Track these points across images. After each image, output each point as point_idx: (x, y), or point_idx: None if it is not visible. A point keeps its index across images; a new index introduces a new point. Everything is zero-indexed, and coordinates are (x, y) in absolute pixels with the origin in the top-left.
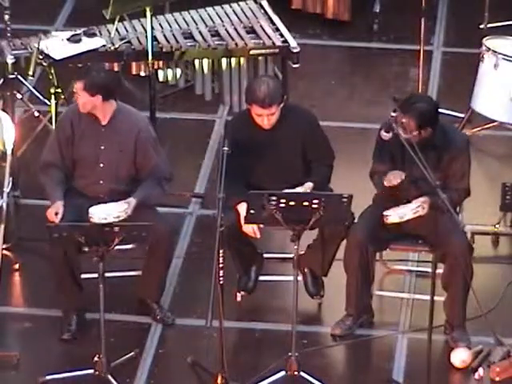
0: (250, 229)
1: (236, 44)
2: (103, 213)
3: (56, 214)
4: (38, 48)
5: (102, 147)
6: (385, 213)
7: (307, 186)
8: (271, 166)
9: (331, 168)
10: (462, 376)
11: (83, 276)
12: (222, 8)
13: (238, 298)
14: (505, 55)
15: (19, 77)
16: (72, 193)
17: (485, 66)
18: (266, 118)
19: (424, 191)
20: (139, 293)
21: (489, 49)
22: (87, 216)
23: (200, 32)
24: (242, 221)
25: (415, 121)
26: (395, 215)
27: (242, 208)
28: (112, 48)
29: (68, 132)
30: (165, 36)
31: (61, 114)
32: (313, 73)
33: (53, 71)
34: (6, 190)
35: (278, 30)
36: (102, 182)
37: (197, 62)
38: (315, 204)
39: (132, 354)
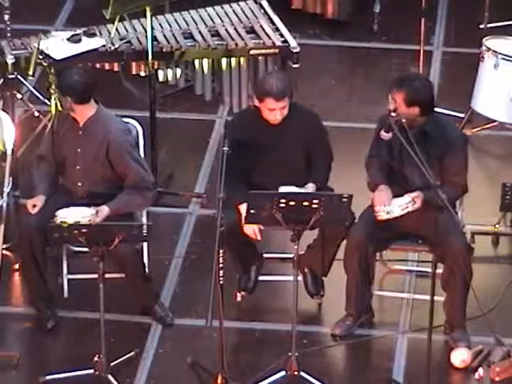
0: (251, 230)
1: (236, 44)
2: (65, 215)
3: (34, 206)
4: (38, 48)
5: (79, 150)
6: (375, 208)
7: (310, 187)
8: (275, 163)
9: (330, 168)
10: (461, 376)
11: (83, 276)
12: (222, 8)
13: (238, 298)
14: (505, 55)
15: (19, 77)
16: (62, 189)
17: (485, 66)
18: (278, 111)
19: (419, 187)
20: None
21: (489, 49)
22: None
23: (200, 32)
24: (244, 221)
25: (405, 94)
26: (383, 212)
27: (244, 208)
28: (112, 48)
29: (56, 128)
30: (165, 36)
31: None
32: (313, 73)
33: (53, 71)
34: (6, 190)
35: (277, 29)
36: (79, 183)
37: (197, 62)
38: (315, 204)
39: (132, 353)
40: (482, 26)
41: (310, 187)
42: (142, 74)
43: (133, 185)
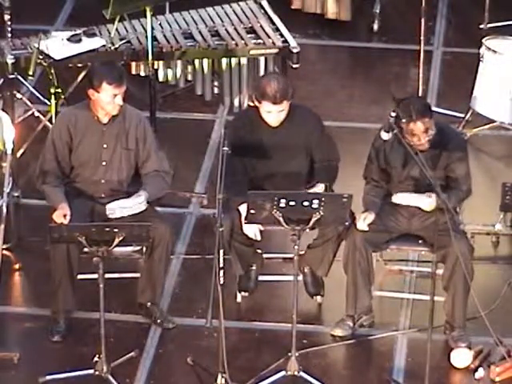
0: (252, 230)
1: (236, 44)
2: (122, 207)
3: (64, 215)
4: (38, 48)
5: (105, 146)
6: (395, 196)
7: (318, 188)
8: (275, 165)
9: (336, 169)
10: (462, 376)
11: (83, 276)
12: (222, 8)
13: (239, 299)
14: (504, 55)
15: (19, 77)
16: (71, 196)
17: (485, 66)
18: (275, 114)
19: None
20: (138, 297)
21: (489, 49)
22: (93, 216)
23: (200, 32)
24: (244, 221)
25: (430, 117)
26: (401, 198)
27: (244, 209)
28: (112, 48)
29: (65, 138)
30: (165, 36)
31: (54, 121)
32: (313, 73)
33: (53, 71)
34: (6, 190)
35: (278, 29)
36: (103, 181)
37: (197, 62)
38: (315, 204)
39: (132, 353)
40: (482, 26)
41: (317, 187)
42: (142, 73)
43: (155, 170)
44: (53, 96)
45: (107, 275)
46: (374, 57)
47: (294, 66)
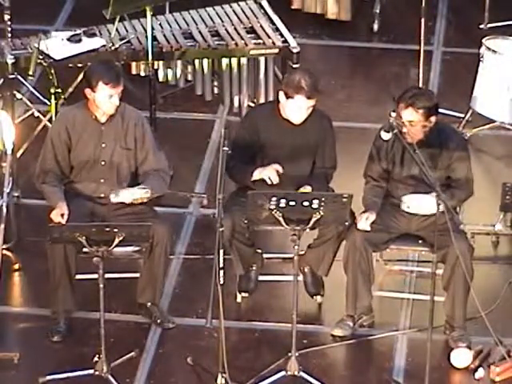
0: (273, 171)
1: (236, 44)
2: (128, 193)
3: (62, 214)
4: (38, 48)
5: (103, 145)
6: (404, 198)
7: (306, 189)
8: (283, 162)
9: (330, 178)
10: (462, 376)
11: (83, 276)
12: (222, 8)
13: (239, 299)
14: (504, 55)
15: (19, 77)
16: (71, 195)
17: (485, 65)
18: (304, 110)
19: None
20: (138, 297)
21: (489, 49)
22: (93, 216)
23: (200, 32)
24: (273, 177)
25: (427, 107)
26: (413, 207)
27: (263, 171)
28: (112, 48)
29: (64, 137)
30: (165, 36)
31: (53, 121)
32: (313, 73)
33: (53, 71)
34: (6, 190)
35: (277, 29)
36: (102, 180)
37: (197, 62)
38: (315, 204)
39: (132, 354)
40: (482, 26)
41: (304, 188)
42: (142, 73)
43: (153, 169)
44: (53, 96)
45: (107, 275)
46: (373, 57)
47: (294, 66)
